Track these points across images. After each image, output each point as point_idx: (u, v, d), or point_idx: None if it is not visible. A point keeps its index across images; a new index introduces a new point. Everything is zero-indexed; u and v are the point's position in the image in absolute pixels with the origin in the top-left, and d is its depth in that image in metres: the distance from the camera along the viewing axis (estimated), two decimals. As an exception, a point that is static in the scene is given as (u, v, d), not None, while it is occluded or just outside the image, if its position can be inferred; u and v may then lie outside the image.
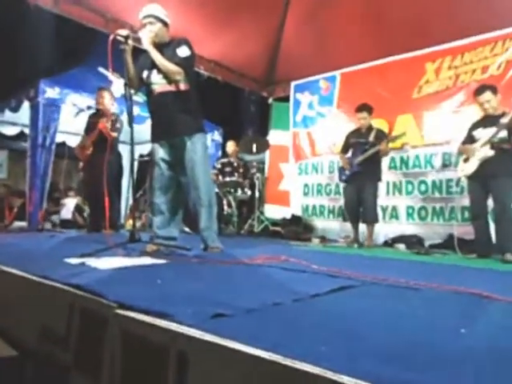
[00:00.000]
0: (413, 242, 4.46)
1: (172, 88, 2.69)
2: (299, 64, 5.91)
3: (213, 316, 0.98)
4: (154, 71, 2.74)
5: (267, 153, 6.52)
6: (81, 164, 5.19)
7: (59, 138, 6.11)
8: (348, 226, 4.68)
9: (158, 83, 2.72)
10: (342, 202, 5.08)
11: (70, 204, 6.30)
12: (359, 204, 4.47)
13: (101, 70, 5.34)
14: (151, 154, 2.97)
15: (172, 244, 2.76)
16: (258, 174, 5.55)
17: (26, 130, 5.54)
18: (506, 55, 4.34)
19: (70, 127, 5.95)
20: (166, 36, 2.79)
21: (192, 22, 4.89)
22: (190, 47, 2.71)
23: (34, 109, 4.99)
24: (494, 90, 3.49)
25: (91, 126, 4.73)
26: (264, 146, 5.67)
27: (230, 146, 5.75)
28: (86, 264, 1.93)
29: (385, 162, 5.13)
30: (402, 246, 4.01)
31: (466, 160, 3.60)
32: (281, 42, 5.79)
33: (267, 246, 3.50)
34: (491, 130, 3.37)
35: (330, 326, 0.99)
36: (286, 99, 6.39)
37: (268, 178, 6.51)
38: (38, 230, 4.84)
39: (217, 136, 7.17)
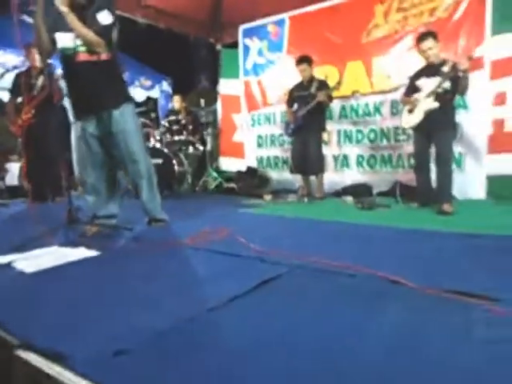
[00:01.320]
0: (361, 191, 4.59)
1: (93, 57, 2.46)
2: (246, 5, 5.52)
3: (114, 354, 0.98)
4: (71, 35, 2.45)
5: (219, 103, 6.31)
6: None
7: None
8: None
9: (77, 50, 2.46)
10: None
11: (14, 169, 5.97)
12: (306, 156, 4.51)
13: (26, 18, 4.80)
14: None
15: (112, 224, 2.70)
16: (209, 130, 5.39)
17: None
18: (453, -4, 4.21)
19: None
20: None
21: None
22: (112, 10, 2.43)
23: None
24: (436, 37, 3.41)
25: (24, 86, 4.37)
26: (212, 98, 5.45)
27: (176, 102, 5.49)
28: (12, 265, 1.87)
29: (336, 111, 5.13)
30: (349, 199, 4.12)
31: (410, 111, 3.58)
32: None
33: (215, 213, 3.49)
34: (435, 80, 3.35)
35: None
36: (236, 45, 6.05)
37: (221, 130, 6.35)
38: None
39: (165, 86, 6.85)
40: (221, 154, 6.37)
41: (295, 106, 4.62)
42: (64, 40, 2.48)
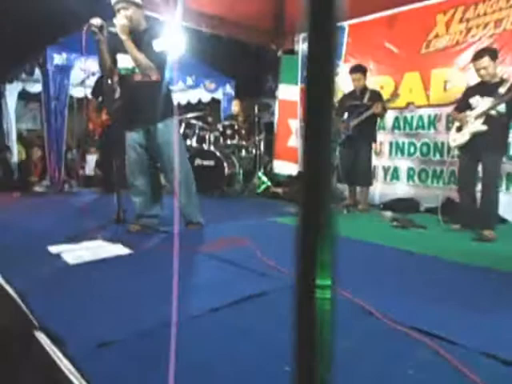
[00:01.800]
0: (407, 206, 4.51)
1: (145, 78, 2.80)
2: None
3: (98, 345, 1.25)
4: (129, 58, 2.82)
5: (276, 108, 6.50)
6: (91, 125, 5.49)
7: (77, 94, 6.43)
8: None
9: (132, 71, 2.82)
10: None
11: (91, 161, 6.75)
12: (354, 166, 4.52)
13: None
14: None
15: (152, 225, 3.04)
16: (263, 134, 5.62)
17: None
18: (523, 7, 3.93)
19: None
20: (142, 20, 2.81)
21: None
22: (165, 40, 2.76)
23: (45, 76, 5.23)
24: (494, 55, 3.25)
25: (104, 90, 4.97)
26: (265, 108, 5.68)
27: (235, 106, 5.79)
28: (60, 256, 2.27)
29: (389, 122, 5.06)
30: (388, 214, 4.09)
31: (458, 129, 3.47)
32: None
33: (248, 220, 3.70)
34: (488, 100, 3.20)
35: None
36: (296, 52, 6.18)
37: (277, 134, 6.54)
38: (59, 191, 5.35)
39: (229, 89, 7.18)
40: (275, 156, 6.57)
41: (345, 115, 4.63)
42: (123, 61, 2.87)
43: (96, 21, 2.68)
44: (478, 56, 3.30)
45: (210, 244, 2.58)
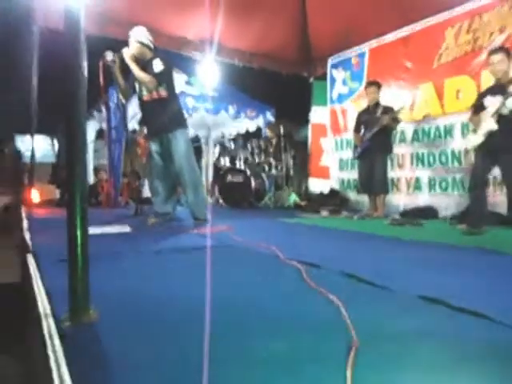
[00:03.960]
0: (424, 214, 4.57)
1: (155, 96, 3.46)
2: (332, 42, 6.11)
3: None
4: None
5: (309, 129, 6.94)
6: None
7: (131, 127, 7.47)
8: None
9: (144, 93, 3.50)
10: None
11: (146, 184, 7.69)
12: (371, 177, 4.73)
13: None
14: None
15: (165, 218, 3.62)
16: (289, 154, 6.06)
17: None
18: (525, 12, 4.01)
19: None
20: (147, 53, 3.47)
21: (221, 20, 5.55)
22: (165, 62, 3.40)
23: (107, 111, 6.31)
24: (508, 53, 3.23)
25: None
26: (292, 129, 6.18)
27: (268, 130, 6.37)
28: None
29: (409, 134, 5.21)
30: (389, 218, 4.21)
31: (474, 131, 3.42)
32: (307, 23, 6.05)
33: (254, 219, 4.12)
34: (498, 99, 3.16)
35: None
36: (325, 76, 6.64)
37: (311, 154, 6.92)
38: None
39: (269, 116, 7.79)
40: (310, 175, 6.92)
41: (362, 129, 4.92)
42: (138, 86, 3.57)
43: (108, 55, 3.37)
44: (492, 52, 3.34)
45: (201, 228, 3.06)
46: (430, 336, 0.98)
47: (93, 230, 2.82)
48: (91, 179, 8.04)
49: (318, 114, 6.85)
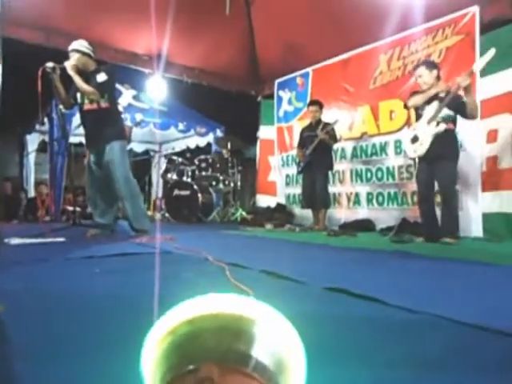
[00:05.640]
0: (362, 226, 4.81)
1: (94, 106, 3.44)
2: (279, 63, 6.38)
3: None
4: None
5: (258, 147, 7.12)
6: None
7: (77, 140, 7.27)
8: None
9: (84, 103, 3.47)
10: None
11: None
12: (312, 192, 4.92)
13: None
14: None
15: (108, 228, 3.55)
16: (237, 168, 6.16)
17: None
18: (445, 43, 4.45)
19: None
20: (90, 64, 3.46)
21: (170, 37, 5.65)
22: (108, 73, 3.41)
23: (50, 123, 6.13)
24: (429, 66, 3.47)
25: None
26: (238, 143, 6.31)
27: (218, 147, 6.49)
28: (9, 242, 2.78)
29: (348, 152, 5.51)
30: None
31: (413, 140, 3.46)
32: (255, 44, 6.30)
33: (200, 232, 4.14)
34: (434, 105, 3.32)
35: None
36: (273, 96, 6.88)
37: (259, 170, 7.09)
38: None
39: (219, 133, 7.89)
40: (258, 190, 7.06)
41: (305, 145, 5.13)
42: (78, 96, 3.53)
43: (49, 64, 3.34)
44: (415, 67, 3.64)
45: (142, 237, 3.04)
46: (319, 317, 1.07)
47: (23, 240, 2.74)
48: (32, 193, 7.71)
49: (265, 132, 7.06)
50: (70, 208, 6.52)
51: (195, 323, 0.31)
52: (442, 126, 3.29)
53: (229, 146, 6.11)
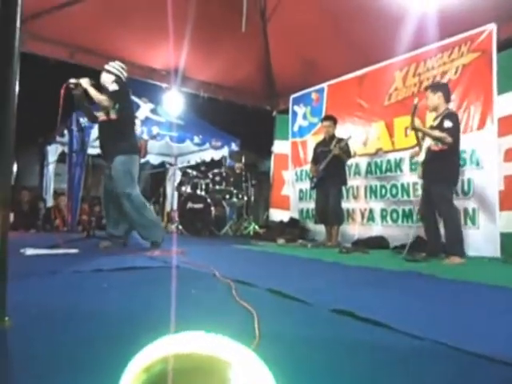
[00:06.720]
0: (376, 243, 4.74)
1: (105, 117, 3.51)
2: (294, 78, 6.43)
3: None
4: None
5: (272, 161, 7.14)
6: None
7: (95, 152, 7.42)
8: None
9: (99, 114, 3.57)
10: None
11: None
12: (325, 208, 4.89)
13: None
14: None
15: (120, 241, 3.59)
16: (248, 183, 6.19)
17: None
18: (461, 60, 4.42)
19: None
20: (110, 79, 3.57)
21: (187, 53, 5.77)
22: (120, 85, 3.49)
23: (70, 135, 6.29)
24: (434, 89, 3.62)
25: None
26: (253, 157, 6.35)
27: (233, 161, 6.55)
28: (25, 252, 2.84)
29: (363, 167, 5.47)
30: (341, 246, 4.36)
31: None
32: (270, 60, 6.38)
33: (208, 245, 4.15)
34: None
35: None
36: (288, 111, 6.93)
37: (273, 184, 7.09)
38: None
39: (234, 147, 7.96)
40: (271, 205, 7.05)
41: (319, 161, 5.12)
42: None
43: (72, 80, 3.45)
44: (425, 89, 3.79)
45: (153, 250, 3.07)
46: (322, 342, 1.05)
47: (37, 251, 2.79)
48: (50, 202, 7.88)
49: (280, 146, 7.08)
50: (86, 218, 6.67)
51: (170, 362, 0.31)
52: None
53: (243, 159, 6.14)
